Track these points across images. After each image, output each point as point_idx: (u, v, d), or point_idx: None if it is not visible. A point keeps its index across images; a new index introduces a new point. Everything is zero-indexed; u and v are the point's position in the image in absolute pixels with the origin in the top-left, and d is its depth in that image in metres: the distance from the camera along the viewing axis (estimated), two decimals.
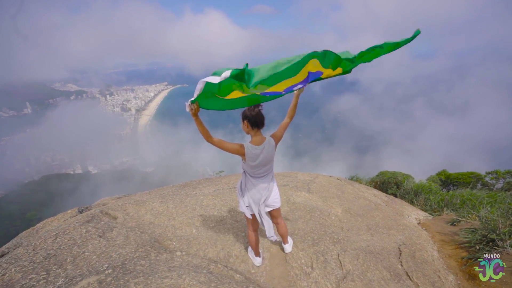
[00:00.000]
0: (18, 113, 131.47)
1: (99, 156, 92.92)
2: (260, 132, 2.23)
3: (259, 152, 2.18)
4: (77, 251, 2.43)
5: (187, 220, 3.47)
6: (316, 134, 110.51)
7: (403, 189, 7.27)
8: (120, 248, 2.52)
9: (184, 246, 2.82)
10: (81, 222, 3.17)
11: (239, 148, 2.16)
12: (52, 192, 55.01)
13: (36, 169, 79.33)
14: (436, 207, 5.75)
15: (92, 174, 76.47)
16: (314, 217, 3.81)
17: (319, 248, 2.93)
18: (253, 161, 2.20)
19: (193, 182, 6.80)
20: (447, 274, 3.03)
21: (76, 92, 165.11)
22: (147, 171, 78.58)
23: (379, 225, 4.10)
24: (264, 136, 2.24)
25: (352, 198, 5.22)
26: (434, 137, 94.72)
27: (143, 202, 4.10)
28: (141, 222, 3.42)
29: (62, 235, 2.81)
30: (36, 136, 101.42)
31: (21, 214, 45.17)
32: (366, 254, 2.97)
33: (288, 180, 5.97)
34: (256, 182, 2.32)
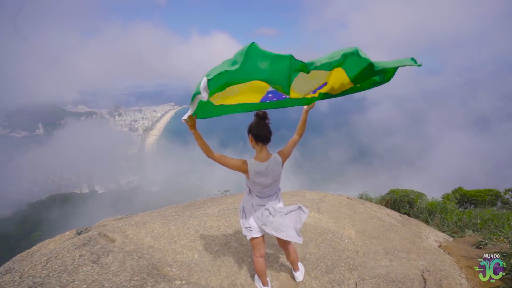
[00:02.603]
0: (31, 134, 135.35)
1: (106, 176, 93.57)
2: (266, 148, 2.05)
3: (263, 169, 2.00)
4: (66, 280, 2.21)
5: (189, 243, 3.22)
6: (322, 153, 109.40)
7: (417, 208, 6.89)
8: (114, 276, 2.29)
9: (184, 274, 2.56)
10: (76, 246, 2.96)
11: (241, 164, 1.98)
12: (58, 212, 54.96)
13: (44, 189, 79.93)
14: (455, 227, 5.37)
15: (98, 193, 76.58)
16: (325, 240, 3.51)
17: (334, 276, 2.63)
18: (257, 179, 2.01)
19: (197, 201, 6.57)
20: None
21: (86, 113, 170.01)
22: (153, 190, 78.34)
23: (397, 249, 3.76)
24: (270, 153, 2.06)
25: (365, 218, 4.89)
26: (449, 153, 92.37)
27: (143, 223, 3.88)
28: (140, 245, 3.19)
29: (53, 260, 2.60)
30: (46, 156, 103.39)
31: (27, 234, 45.02)
32: (387, 283, 2.65)
33: (296, 199, 5.70)
34: (261, 202, 2.11)
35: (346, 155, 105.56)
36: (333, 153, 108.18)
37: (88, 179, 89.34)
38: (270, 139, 2.02)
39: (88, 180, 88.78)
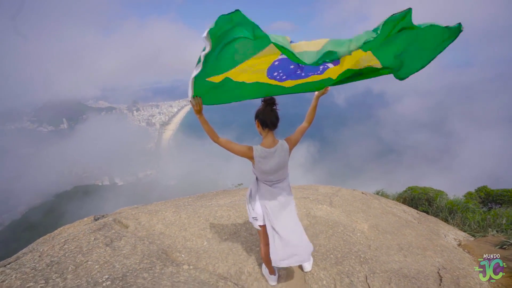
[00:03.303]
0: (56, 128, 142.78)
1: (125, 169, 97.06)
2: (272, 134, 2.01)
3: (269, 156, 1.96)
4: (80, 260, 2.30)
5: (198, 231, 3.26)
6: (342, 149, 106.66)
7: (436, 206, 6.59)
8: (125, 258, 2.36)
9: (193, 259, 2.60)
10: (92, 230, 3.09)
11: (247, 150, 1.95)
12: (81, 202, 57.92)
13: (68, 180, 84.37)
14: (477, 227, 5.09)
15: (118, 185, 79.78)
16: (337, 232, 3.44)
17: (343, 268, 2.57)
18: (262, 165, 1.97)
19: (210, 193, 6.65)
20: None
21: (107, 109, 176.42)
22: (170, 184, 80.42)
23: (412, 245, 3.62)
24: (277, 139, 2.02)
25: (379, 213, 4.75)
26: (477, 152, 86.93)
27: (156, 211, 3.97)
28: (151, 231, 3.27)
29: (70, 242, 2.72)
30: (69, 149, 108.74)
31: (54, 223, 47.83)
32: (399, 278, 2.56)
33: (308, 192, 5.62)
34: (269, 189, 2.07)
35: (366, 151, 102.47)
36: (352, 149, 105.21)
37: (108, 172, 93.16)
38: (277, 125, 1.98)
39: (109, 173, 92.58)
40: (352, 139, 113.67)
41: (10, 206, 66.39)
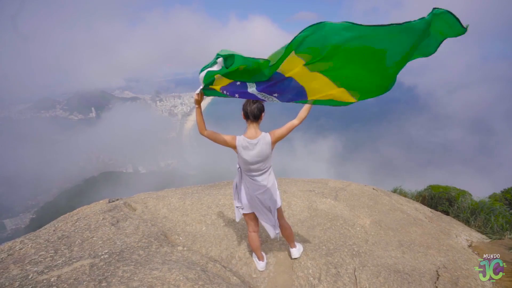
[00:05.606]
0: (85, 117, 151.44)
1: (148, 157, 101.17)
2: (255, 126, 2.07)
3: (250, 147, 2.03)
4: (87, 235, 2.53)
5: (199, 217, 3.42)
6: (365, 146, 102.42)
7: (457, 206, 6.27)
8: (126, 237, 2.56)
9: (188, 242, 2.75)
10: (103, 211, 3.34)
11: (230, 139, 2.05)
12: (107, 188, 61.50)
13: (96, 167, 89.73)
14: (500, 230, 4.83)
15: (141, 173, 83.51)
16: (335, 225, 3.45)
17: (332, 259, 2.60)
18: (244, 155, 2.05)
19: (221, 183, 6.82)
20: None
21: (131, 99, 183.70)
22: (190, 173, 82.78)
23: (414, 242, 3.54)
24: (260, 131, 2.08)
25: (386, 209, 4.66)
26: None
27: (163, 197, 4.20)
28: (156, 215, 3.48)
29: (81, 220, 2.98)
30: (97, 137, 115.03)
31: (82, 206, 51.45)
32: (389, 273, 2.54)
33: (316, 186, 5.61)
34: (250, 181, 2.14)
35: (393, 148, 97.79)
36: (379, 145, 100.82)
37: (132, 160, 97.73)
38: (258, 117, 2.04)
39: (132, 161, 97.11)
40: (380, 135, 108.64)
41: (44, 189, 72.17)
